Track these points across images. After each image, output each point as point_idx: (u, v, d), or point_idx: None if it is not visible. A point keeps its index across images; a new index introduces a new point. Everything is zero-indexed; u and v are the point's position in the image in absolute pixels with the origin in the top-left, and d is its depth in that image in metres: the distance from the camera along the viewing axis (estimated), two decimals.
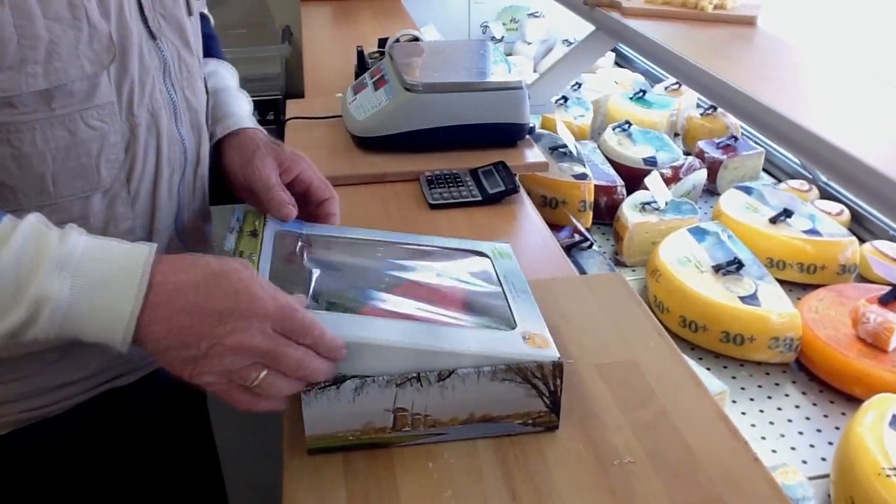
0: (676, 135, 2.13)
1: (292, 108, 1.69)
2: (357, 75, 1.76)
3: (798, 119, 1.10)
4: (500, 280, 0.90)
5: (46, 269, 0.65)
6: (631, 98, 2.14)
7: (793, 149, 1.17)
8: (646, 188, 1.64)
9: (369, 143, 1.46)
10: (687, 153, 1.91)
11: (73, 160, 0.79)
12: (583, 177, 1.63)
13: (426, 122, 1.43)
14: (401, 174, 1.40)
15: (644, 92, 2.15)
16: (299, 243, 0.90)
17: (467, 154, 1.44)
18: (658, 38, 1.50)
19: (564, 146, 1.71)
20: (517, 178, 1.35)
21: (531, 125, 1.53)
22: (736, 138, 1.88)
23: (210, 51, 1.12)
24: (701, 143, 1.89)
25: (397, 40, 1.74)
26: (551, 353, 0.78)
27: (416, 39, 1.75)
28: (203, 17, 1.15)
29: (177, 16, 0.90)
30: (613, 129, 1.95)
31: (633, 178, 1.76)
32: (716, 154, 1.84)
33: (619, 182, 1.73)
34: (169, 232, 0.93)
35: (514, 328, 0.81)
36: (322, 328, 0.71)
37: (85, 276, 0.66)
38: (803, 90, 1.27)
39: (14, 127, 0.74)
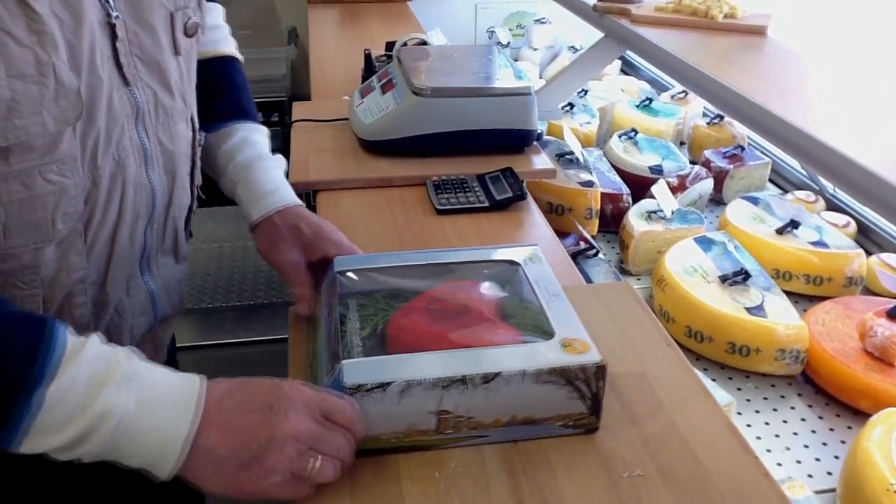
0: (682, 143, 2.13)
1: (298, 110, 1.68)
2: (364, 78, 1.75)
3: (807, 128, 1.09)
4: (532, 287, 0.90)
5: (115, 382, 0.66)
6: (637, 106, 2.13)
7: (801, 158, 1.17)
8: (652, 197, 1.64)
9: (376, 147, 1.46)
10: (693, 162, 1.91)
11: (27, 213, 0.76)
12: (589, 184, 1.63)
13: (434, 127, 1.43)
14: (407, 178, 1.40)
15: (650, 100, 2.14)
16: (334, 280, 0.91)
17: (474, 159, 1.44)
18: (668, 46, 1.49)
19: (571, 153, 1.70)
20: (524, 185, 1.34)
21: (539, 131, 1.52)
22: (742, 148, 1.88)
23: (243, 109, 1.10)
24: (707, 153, 1.89)
25: (405, 44, 1.74)
26: (593, 355, 0.78)
27: (424, 43, 1.75)
28: (231, 61, 1.12)
29: (157, 57, 0.86)
30: (619, 136, 1.94)
31: (639, 186, 1.76)
32: (722, 164, 1.84)
33: (625, 190, 1.73)
34: (127, 276, 0.91)
35: (552, 337, 0.81)
36: (354, 405, 0.74)
37: (147, 394, 0.67)
38: (813, 99, 1.26)
39: None
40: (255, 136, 1.09)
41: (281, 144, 2.69)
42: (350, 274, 0.92)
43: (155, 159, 0.89)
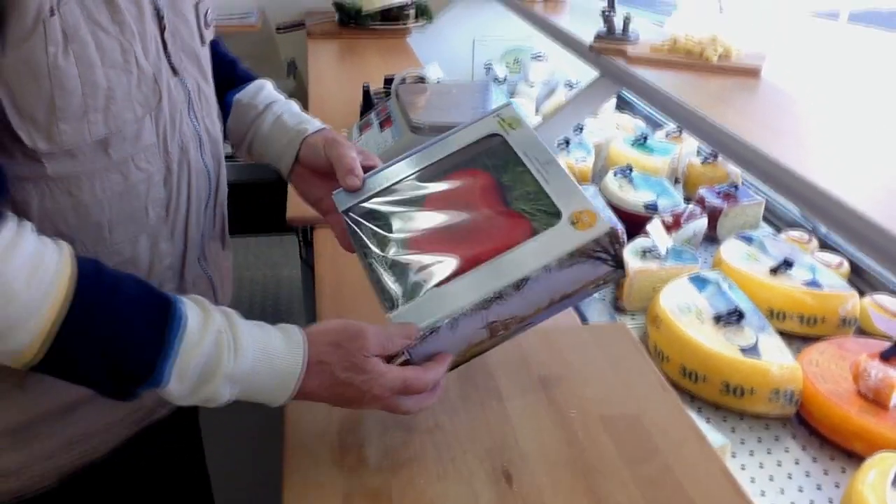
0: (677, 181, 2.14)
1: None
2: (363, 113, 1.77)
3: (800, 171, 1.10)
4: (521, 159, 0.90)
5: (221, 381, 0.73)
6: (632, 143, 2.15)
7: (794, 200, 1.18)
8: (647, 234, 1.65)
9: None
10: (687, 199, 1.92)
11: (125, 204, 0.81)
12: None
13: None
14: None
15: (646, 137, 2.16)
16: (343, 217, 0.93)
17: None
18: (663, 86, 1.51)
19: None
20: None
21: None
22: (736, 186, 1.89)
23: (243, 71, 1.13)
24: (701, 191, 1.90)
25: (403, 80, 1.75)
26: (602, 226, 0.81)
27: (422, 79, 1.76)
28: (215, 41, 1.16)
29: (194, 48, 0.90)
30: (615, 173, 1.96)
31: (634, 222, 1.77)
32: (716, 202, 1.85)
33: (620, 227, 1.73)
34: (193, 263, 0.94)
35: (559, 216, 0.83)
36: (434, 380, 0.81)
37: (248, 388, 0.75)
38: (806, 141, 1.27)
39: (75, 178, 0.75)
40: (268, 84, 1.12)
41: (277, 175, 2.70)
42: (353, 210, 0.92)
43: (206, 145, 0.92)
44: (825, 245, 1.76)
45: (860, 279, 1.66)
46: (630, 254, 1.61)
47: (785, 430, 1.25)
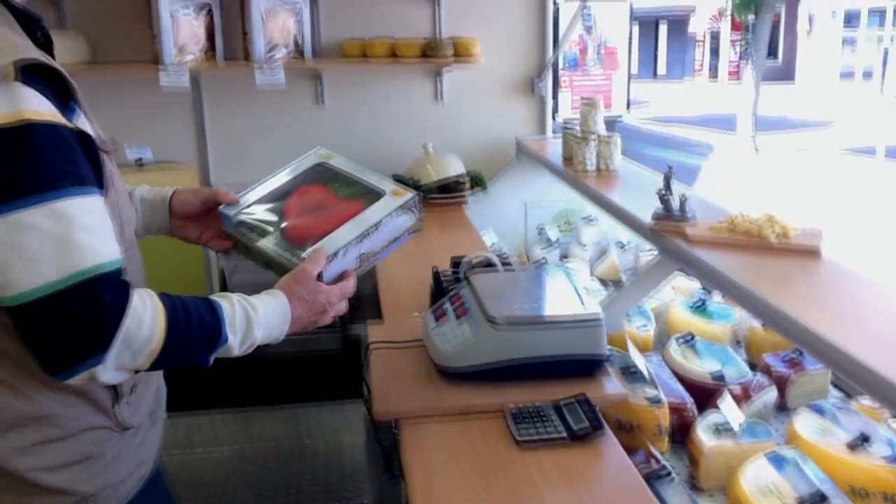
0: (738, 343, 2.17)
1: (374, 331, 1.78)
2: (434, 297, 1.85)
3: (866, 359, 1.14)
4: (345, 171, 1.46)
5: (256, 329, 1.16)
6: (691, 308, 2.20)
7: (857, 383, 1.21)
8: (716, 407, 1.67)
9: (454, 374, 1.53)
10: (751, 364, 1.94)
11: (137, 271, 1.21)
12: (657, 401, 1.67)
13: (509, 355, 1.50)
14: (485, 406, 1.45)
15: (704, 301, 2.21)
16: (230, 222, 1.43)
17: (547, 385, 1.49)
18: (723, 267, 1.58)
19: (636, 368, 1.75)
20: (599, 413, 1.39)
21: (608, 355, 1.59)
22: (802, 353, 1.91)
23: None
24: (766, 358, 1.93)
25: (470, 264, 1.84)
26: (410, 193, 1.38)
27: (490, 263, 1.84)
28: None
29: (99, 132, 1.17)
30: (677, 341, 2.00)
31: (702, 393, 1.79)
32: (782, 369, 1.87)
33: (689, 400, 1.76)
34: None
35: (384, 192, 1.37)
36: (354, 288, 1.32)
37: (267, 327, 1.18)
38: (868, 326, 1.31)
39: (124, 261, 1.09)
40: None
41: (338, 345, 2.76)
42: (239, 218, 1.41)
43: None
44: None
45: None
46: (703, 431, 1.63)
47: None
